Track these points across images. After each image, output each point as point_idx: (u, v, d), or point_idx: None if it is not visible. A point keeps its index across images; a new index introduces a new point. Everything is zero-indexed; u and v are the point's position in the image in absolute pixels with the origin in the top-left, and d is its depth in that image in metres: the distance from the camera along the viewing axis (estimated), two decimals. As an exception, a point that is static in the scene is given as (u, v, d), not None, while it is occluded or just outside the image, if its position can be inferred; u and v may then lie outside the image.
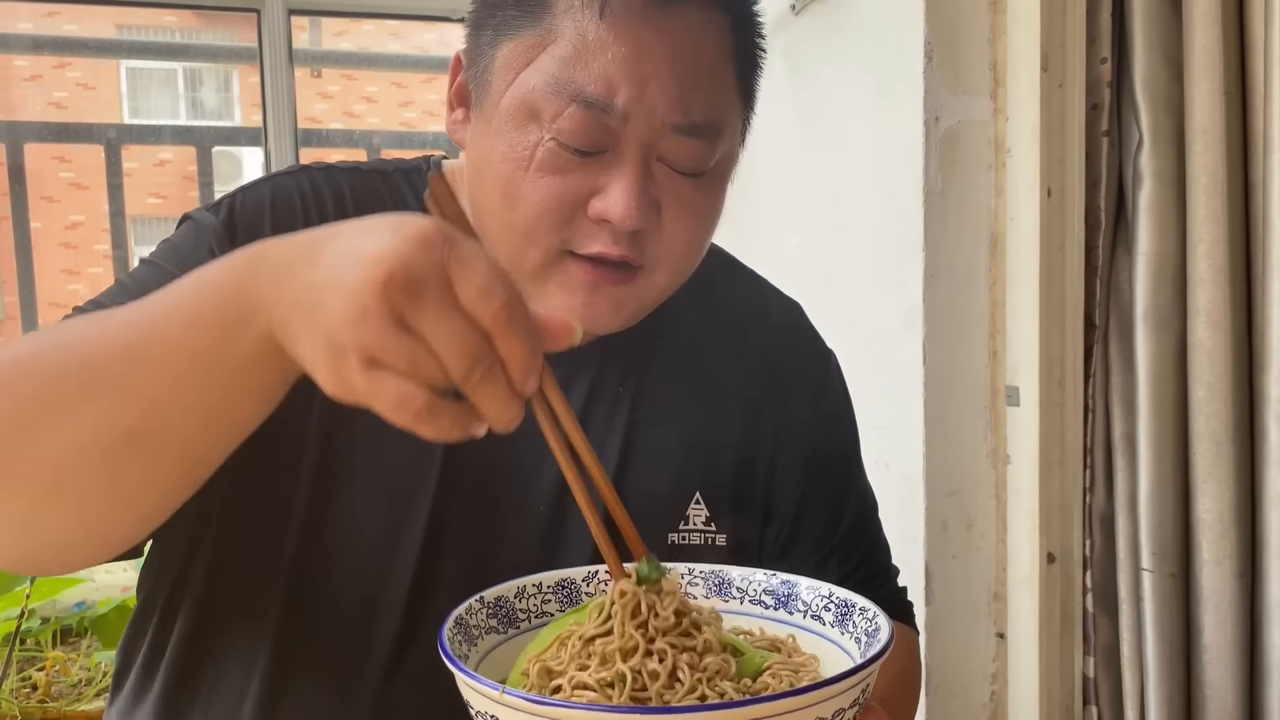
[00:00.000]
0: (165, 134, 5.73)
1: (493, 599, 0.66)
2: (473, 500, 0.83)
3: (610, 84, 0.74)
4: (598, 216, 0.76)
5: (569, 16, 0.74)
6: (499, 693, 0.51)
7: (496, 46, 0.78)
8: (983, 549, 1.67)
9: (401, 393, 0.51)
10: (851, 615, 0.64)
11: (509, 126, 0.76)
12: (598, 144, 0.75)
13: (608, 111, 0.74)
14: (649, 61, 0.74)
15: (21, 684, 1.75)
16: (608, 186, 0.76)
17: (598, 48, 0.73)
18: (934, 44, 1.59)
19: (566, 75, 0.74)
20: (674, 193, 0.79)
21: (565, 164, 0.75)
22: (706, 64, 0.78)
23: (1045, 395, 1.58)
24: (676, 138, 0.76)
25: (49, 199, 8.58)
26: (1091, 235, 1.57)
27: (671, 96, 0.75)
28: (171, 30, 9.53)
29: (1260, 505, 1.42)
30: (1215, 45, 1.41)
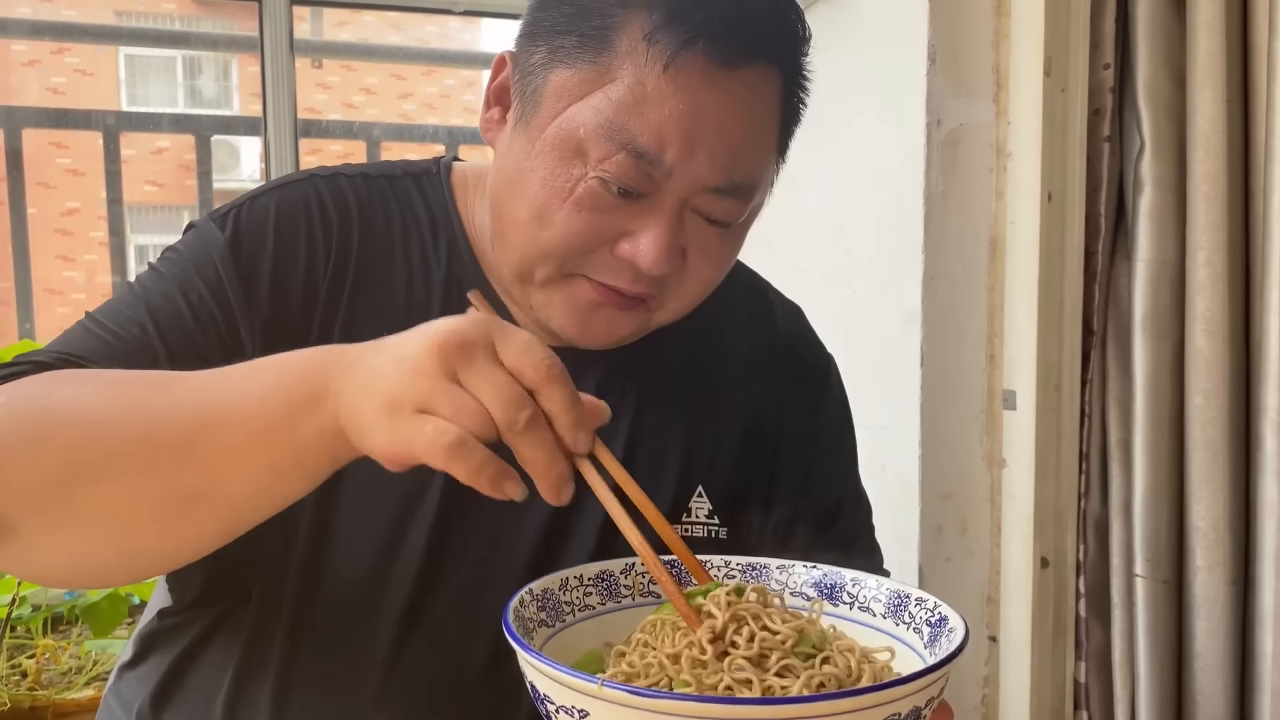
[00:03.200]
0: (164, 122, 5.71)
1: (540, 591, 0.66)
2: (480, 498, 0.84)
3: (662, 140, 0.74)
4: (625, 258, 0.78)
5: (631, 61, 0.74)
6: (598, 686, 0.51)
7: (550, 70, 0.78)
8: (977, 552, 1.67)
9: (437, 428, 0.56)
10: (907, 606, 0.65)
11: (553, 155, 0.77)
12: (639, 190, 0.76)
13: (655, 165, 0.75)
14: (704, 124, 0.75)
15: (11, 671, 1.74)
16: (639, 233, 0.77)
17: (656, 100, 0.74)
18: (937, 46, 1.59)
19: (620, 121, 0.74)
20: (700, 242, 0.80)
21: (603, 204, 0.76)
22: (756, 126, 0.79)
23: (1042, 400, 1.58)
24: (714, 197, 0.78)
25: (45, 185, 8.55)
26: (1091, 240, 1.57)
27: (720, 162, 0.76)
28: (171, 18, 9.51)
29: (1254, 513, 1.42)
30: (1218, 52, 1.41)
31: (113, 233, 2.58)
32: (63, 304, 9.27)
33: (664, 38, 0.73)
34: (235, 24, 6.92)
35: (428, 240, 0.88)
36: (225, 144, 7.13)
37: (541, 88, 0.78)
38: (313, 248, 0.84)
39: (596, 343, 0.84)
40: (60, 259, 9.29)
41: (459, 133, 3.06)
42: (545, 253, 0.79)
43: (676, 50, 0.73)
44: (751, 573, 0.72)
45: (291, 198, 0.86)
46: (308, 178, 0.89)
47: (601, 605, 0.69)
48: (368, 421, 0.58)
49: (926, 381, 1.61)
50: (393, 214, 0.89)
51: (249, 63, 9.74)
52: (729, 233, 0.82)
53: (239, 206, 0.85)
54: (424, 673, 0.82)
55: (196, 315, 0.79)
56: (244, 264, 0.81)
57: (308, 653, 0.82)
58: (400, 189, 0.91)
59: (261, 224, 0.84)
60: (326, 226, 0.85)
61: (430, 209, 0.90)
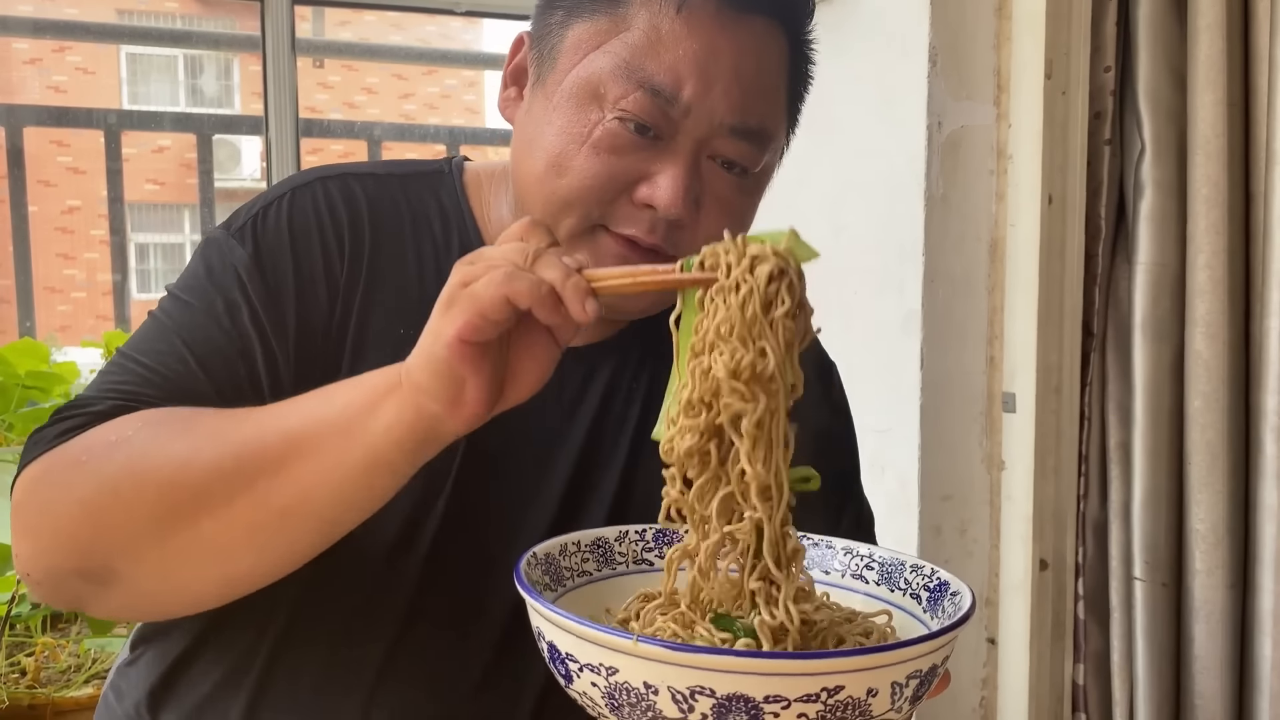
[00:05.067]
0: (165, 120, 5.71)
1: (543, 555, 0.68)
2: (491, 488, 0.85)
3: (679, 77, 0.76)
4: (642, 201, 0.79)
5: (645, 7, 0.78)
6: (633, 642, 0.51)
7: (567, 27, 0.80)
8: (976, 554, 1.67)
9: (489, 275, 0.61)
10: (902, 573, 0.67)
11: (571, 103, 0.79)
12: (657, 128, 0.78)
13: (672, 102, 0.77)
14: (718, 62, 0.77)
15: (10, 669, 1.75)
16: (657, 175, 0.78)
17: (671, 41, 0.77)
18: (938, 49, 1.59)
19: (637, 62, 0.77)
20: (716, 191, 0.81)
21: (621, 144, 0.78)
22: (767, 74, 0.81)
23: (1042, 402, 1.58)
24: (730, 138, 0.79)
25: (46, 183, 8.55)
26: (1091, 243, 1.57)
27: (734, 99, 0.78)
28: (172, 16, 9.51)
29: (1253, 517, 1.42)
30: (1219, 56, 1.41)
31: (115, 231, 2.58)
32: (63, 302, 9.27)
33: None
34: (237, 23, 6.92)
35: (439, 238, 0.88)
36: (226, 143, 7.12)
37: (559, 45, 0.81)
38: (327, 253, 0.84)
39: (627, 304, 0.83)
40: (60, 257, 9.29)
41: (460, 133, 3.07)
42: (565, 201, 0.79)
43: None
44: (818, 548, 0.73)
45: (302, 204, 0.86)
46: (317, 178, 0.88)
47: (598, 571, 0.71)
48: (427, 343, 0.63)
49: (926, 383, 1.61)
50: (403, 213, 0.88)
51: (250, 61, 9.73)
52: (744, 183, 0.83)
53: (254, 218, 0.85)
54: (422, 675, 0.82)
55: (232, 341, 0.80)
56: (270, 281, 0.82)
57: (306, 653, 0.82)
58: (411, 187, 0.91)
59: (277, 235, 0.84)
60: (338, 229, 0.85)
61: (443, 207, 0.90)
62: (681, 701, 0.51)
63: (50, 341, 2.17)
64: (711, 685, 0.50)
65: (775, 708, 0.50)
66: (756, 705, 0.50)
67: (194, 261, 0.86)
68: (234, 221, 0.86)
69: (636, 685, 0.52)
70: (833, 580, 0.70)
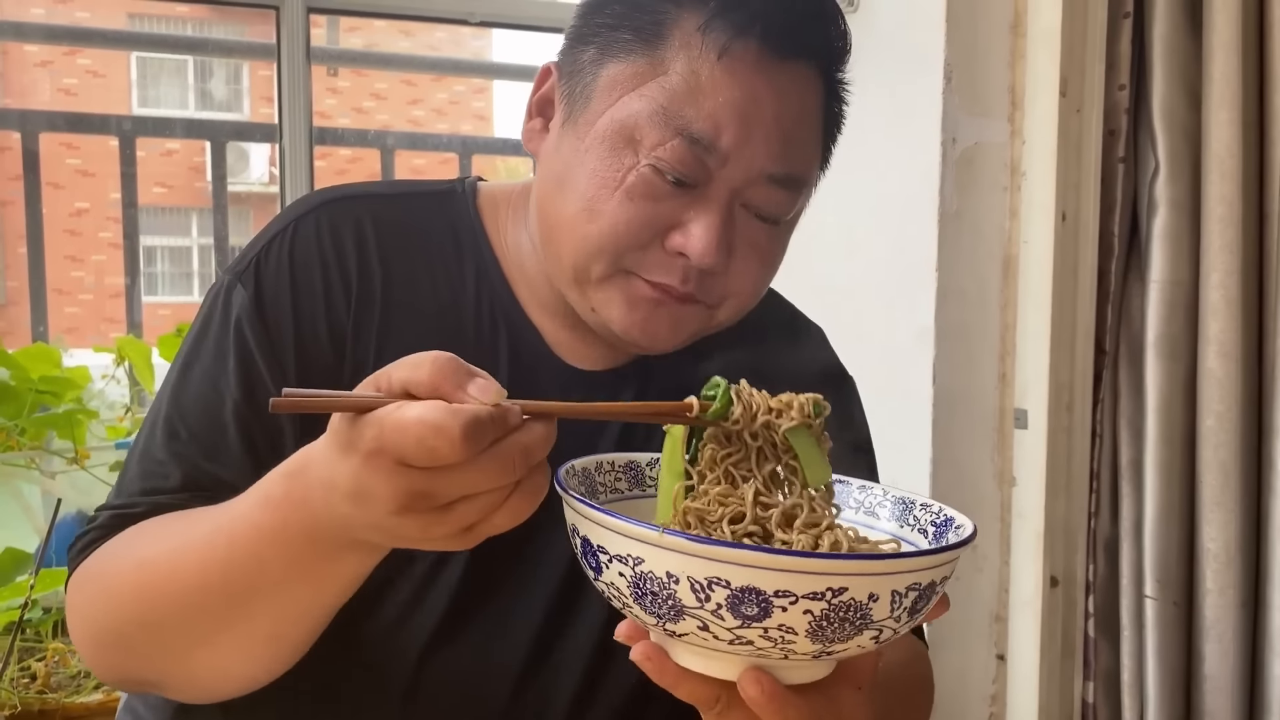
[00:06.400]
0: (178, 127, 5.73)
1: (580, 469, 0.70)
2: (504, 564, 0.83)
3: (718, 125, 0.75)
4: (675, 249, 0.77)
5: (685, 51, 0.75)
6: (658, 533, 0.55)
7: (601, 65, 0.78)
8: (986, 570, 1.67)
9: (448, 526, 0.57)
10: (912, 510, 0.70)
11: (604, 146, 0.77)
12: (693, 177, 0.76)
13: (710, 151, 0.75)
14: (758, 110, 0.76)
15: (21, 674, 1.75)
16: (690, 223, 0.77)
17: (711, 87, 0.75)
18: (953, 65, 1.60)
19: (675, 108, 0.75)
20: (749, 238, 0.80)
21: (655, 192, 0.76)
22: (805, 120, 0.80)
23: (1053, 419, 1.58)
24: (767, 186, 0.78)
25: (55, 185, 8.58)
26: (1104, 261, 1.57)
27: (773, 148, 0.77)
28: (184, 21, 9.54)
29: (1265, 536, 1.42)
30: (1234, 75, 1.42)
31: (127, 235, 2.59)
32: (71, 304, 9.30)
33: (719, 26, 0.75)
34: (248, 29, 6.95)
35: (452, 262, 0.86)
36: (235, 147, 7.15)
37: (592, 84, 0.78)
38: (330, 289, 0.82)
39: (660, 343, 0.82)
40: (69, 259, 9.32)
41: (472, 142, 3.08)
42: (598, 247, 0.77)
43: (732, 38, 0.74)
44: None
45: (305, 235, 0.83)
46: (322, 204, 0.86)
47: (629, 491, 0.73)
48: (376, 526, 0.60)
49: (938, 399, 1.61)
50: (413, 237, 0.86)
51: (260, 66, 9.77)
52: (777, 230, 0.82)
53: (258, 257, 0.83)
54: (441, 708, 0.81)
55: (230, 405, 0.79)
56: (270, 324, 0.80)
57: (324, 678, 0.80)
58: (420, 209, 0.88)
59: (279, 273, 0.82)
60: (343, 261, 0.83)
61: (455, 230, 0.88)
62: (699, 591, 0.55)
63: (58, 344, 2.17)
64: (728, 577, 0.54)
65: (784, 602, 0.54)
66: (767, 598, 0.54)
67: (200, 313, 0.85)
68: (239, 262, 0.84)
69: (660, 575, 0.56)
70: (848, 516, 0.74)
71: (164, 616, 0.70)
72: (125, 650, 0.74)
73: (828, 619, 0.55)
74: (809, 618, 0.55)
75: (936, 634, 1.64)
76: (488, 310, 0.86)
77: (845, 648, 0.57)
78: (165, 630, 0.71)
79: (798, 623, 0.55)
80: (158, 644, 0.72)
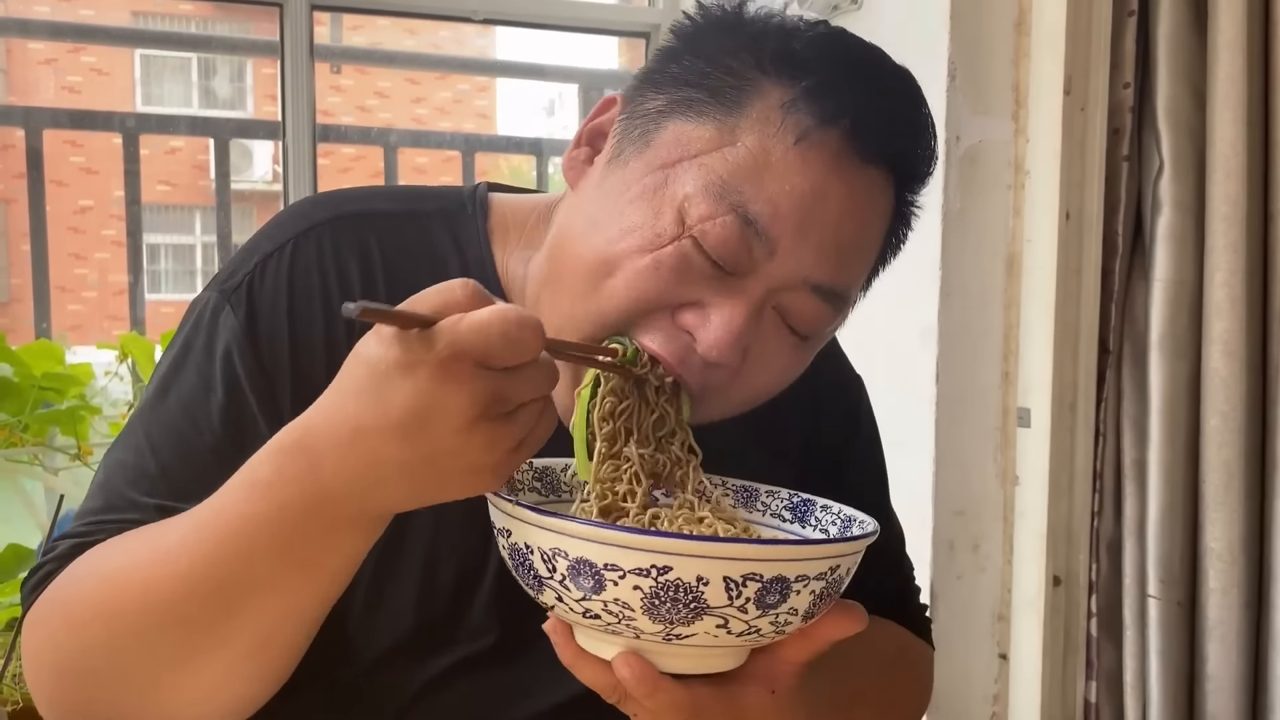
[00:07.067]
0: (182, 124, 5.73)
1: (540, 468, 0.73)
2: None
3: (777, 212, 0.67)
4: (685, 327, 0.69)
5: (761, 127, 0.68)
6: (511, 504, 0.59)
7: (668, 118, 0.71)
8: (988, 570, 1.67)
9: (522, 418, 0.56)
10: (851, 528, 0.70)
11: (649, 204, 0.69)
12: (734, 263, 0.68)
13: (760, 237, 0.67)
14: (824, 209, 0.68)
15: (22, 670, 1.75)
16: (711, 308, 0.69)
17: (780, 170, 0.68)
18: (957, 63, 1.59)
19: (735, 182, 0.67)
20: (770, 346, 0.72)
21: (689, 267, 0.68)
22: (868, 233, 0.73)
23: (1057, 418, 1.58)
24: (807, 294, 0.70)
25: (59, 183, 8.59)
26: (1108, 260, 1.57)
27: (827, 255, 0.69)
28: (187, 19, 9.55)
29: (1269, 536, 1.41)
30: (1239, 74, 1.41)
31: (130, 233, 2.59)
32: (74, 301, 9.30)
33: (806, 109, 0.68)
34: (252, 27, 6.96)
35: None
36: (239, 145, 7.15)
37: (653, 133, 0.71)
38: (331, 319, 0.76)
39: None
40: (72, 256, 9.32)
41: (475, 140, 3.08)
42: (599, 310, 0.70)
43: (816, 125, 0.68)
44: (743, 492, 0.77)
45: (305, 257, 0.77)
46: (325, 222, 0.79)
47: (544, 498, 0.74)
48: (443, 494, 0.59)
49: (941, 398, 1.61)
50: (422, 264, 0.79)
51: (263, 64, 9.78)
52: (800, 347, 0.74)
53: (251, 275, 0.76)
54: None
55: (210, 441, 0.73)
56: (264, 353, 0.74)
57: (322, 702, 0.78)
58: (430, 231, 0.81)
59: (276, 297, 0.75)
60: (347, 290, 0.76)
61: (464, 258, 0.81)
62: (547, 561, 0.58)
63: (61, 341, 2.18)
64: (566, 549, 0.57)
65: (614, 575, 0.56)
66: (598, 570, 0.56)
67: (182, 331, 0.77)
68: (230, 279, 0.76)
69: (520, 546, 0.60)
70: (754, 519, 0.75)
71: (134, 638, 0.64)
72: (89, 684, 0.67)
73: (658, 597, 0.56)
74: (639, 594, 0.56)
75: (939, 633, 1.64)
76: None
77: (691, 632, 0.57)
78: (136, 654, 0.65)
79: (631, 598, 0.56)
80: (122, 674, 0.65)
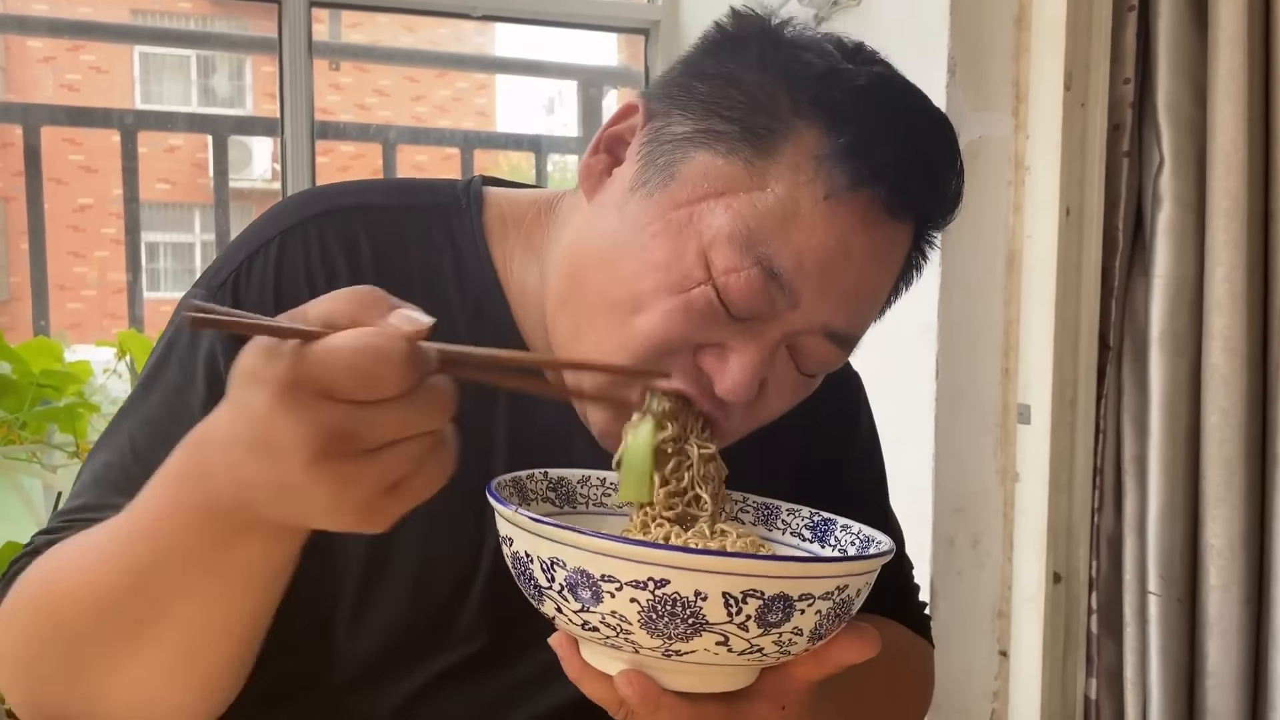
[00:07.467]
0: (180, 121, 5.72)
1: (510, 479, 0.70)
2: None
3: (802, 269, 0.67)
4: (705, 370, 0.70)
5: (792, 175, 0.67)
6: (512, 512, 0.59)
7: (695, 147, 0.69)
8: (988, 566, 1.67)
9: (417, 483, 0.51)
10: (869, 548, 0.69)
11: (674, 243, 0.68)
12: (754, 314, 0.68)
13: (783, 290, 0.67)
14: (847, 266, 0.68)
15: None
16: (730, 353, 0.69)
17: (808, 224, 0.67)
18: (957, 59, 1.59)
19: (762, 234, 0.66)
20: (782, 381, 0.73)
21: (710, 314, 0.68)
22: (887, 279, 0.73)
23: (1057, 414, 1.57)
24: (821, 340, 0.71)
25: (58, 181, 8.57)
26: (1109, 256, 1.57)
27: (847, 305, 0.70)
28: (186, 17, 9.54)
29: (1270, 532, 1.41)
30: (1240, 70, 1.41)
31: (129, 230, 2.59)
32: (73, 300, 9.29)
33: (838, 167, 0.67)
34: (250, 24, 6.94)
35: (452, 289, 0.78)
36: (238, 143, 7.13)
37: (679, 163, 0.69)
38: None
39: None
40: (71, 255, 9.30)
41: (474, 137, 3.07)
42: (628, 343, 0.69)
43: (848, 185, 0.67)
44: (763, 510, 0.76)
45: (293, 255, 0.75)
46: (312, 217, 0.77)
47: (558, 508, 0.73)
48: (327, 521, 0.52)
49: (941, 394, 1.61)
50: (413, 259, 0.78)
51: (263, 62, 9.77)
52: (811, 380, 0.75)
53: (236, 274, 0.74)
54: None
55: None
56: None
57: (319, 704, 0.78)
58: (421, 225, 0.80)
59: (262, 295, 0.74)
60: (332, 281, 0.73)
61: (458, 252, 0.79)
62: (546, 571, 0.57)
63: (60, 339, 2.17)
64: (564, 558, 0.56)
65: (610, 587, 0.55)
66: (595, 581, 0.55)
67: (167, 330, 0.76)
68: (215, 276, 0.75)
69: (521, 554, 0.59)
70: (774, 537, 0.74)
71: (72, 632, 0.62)
72: (37, 679, 0.66)
73: (656, 611, 0.55)
74: (636, 607, 0.55)
75: (939, 630, 1.64)
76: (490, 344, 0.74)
77: (690, 648, 0.56)
78: (73, 650, 0.63)
79: (628, 611, 0.55)
80: (64, 668, 0.64)
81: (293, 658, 0.75)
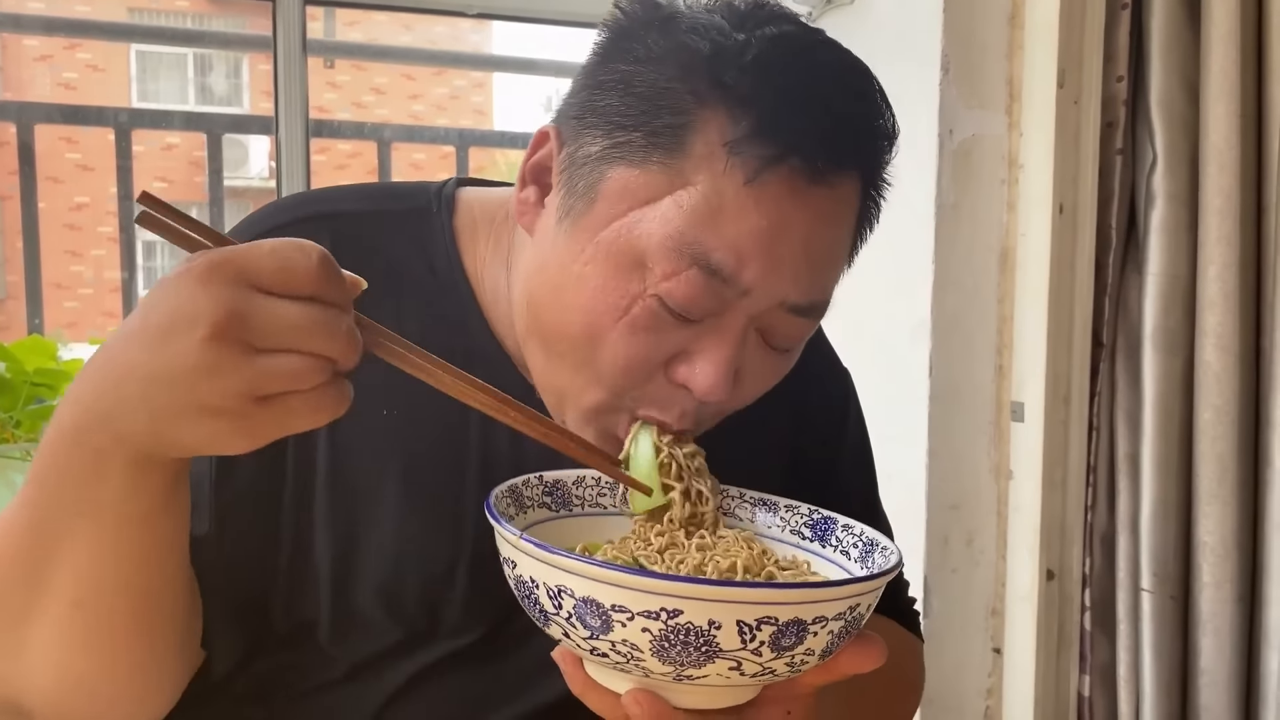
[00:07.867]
0: (176, 119, 5.72)
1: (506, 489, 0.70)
2: None
3: (741, 256, 0.65)
4: (680, 381, 0.69)
5: (707, 167, 0.65)
6: (516, 537, 0.58)
7: (610, 165, 0.67)
8: (982, 564, 1.67)
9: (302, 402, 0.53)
10: (873, 553, 0.68)
11: (608, 264, 0.67)
12: (706, 312, 0.67)
13: (729, 283, 0.66)
14: (787, 241, 0.66)
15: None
16: (697, 356, 0.68)
17: (736, 213, 0.65)
18: (950, 57, 1.59)
19: (692, 234, 0.65)
20: (756, 363, 0.71)
21: (661, 324, 0.67)
22: (839, 240, 0.71)
23: (1050, 412, 1.58)
24: (785, 314, 0.69)
25: (54, 180, 8.57)
26: (1102, 253, 1.57)
27: (801, 277, 0.68)
28: (183, 15, 9.53)
29: (1262, 530, 1.41)
30: (1233, 68, 1.41)
31: (124, 229, 2.58)
32: (70, 299, 9.28)
33: (749, 150, 0.64)
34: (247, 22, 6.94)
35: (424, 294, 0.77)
36: (234, 142, 7.13)
37: (597, 184, 0.68)
38: None
39: None
40: (68, 253, 9.29)
41: (470, 135, 3.07)
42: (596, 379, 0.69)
43: (762, 166, 0.64)
44: (762, 505, 0.76)
45: None
46: (282, 227, 0.76)
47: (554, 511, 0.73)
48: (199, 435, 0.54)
49: (934, 392, 1.61)
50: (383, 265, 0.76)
51: (259, 60, 9.75)
52: (785, 357, 0.74)
53: None
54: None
55: None
56: None
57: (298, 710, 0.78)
58: (393, 231, 0.79)
59: None
60: None
61: (429, 257, 0.79)
62: (554, 598, 0.57)
63: (57, 338, 2.17)
64: (572, 587, 0.55)
65: (621, 617, 0.54)
66: (606, 611, 0.55)
67: None
68: None
69: (526, 578, 0.59)
70: (771, 534, 0.73)
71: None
72: None
73: (668, 640, 0.54)
74: (649, 636, 0.54)
75: (933, 627, 1.64)
76: (462, 349, 0.74)
77: (703, 674, 0.55)
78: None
79: (640, 640, 0.54)
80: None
81: (278, 656, 0.75)
